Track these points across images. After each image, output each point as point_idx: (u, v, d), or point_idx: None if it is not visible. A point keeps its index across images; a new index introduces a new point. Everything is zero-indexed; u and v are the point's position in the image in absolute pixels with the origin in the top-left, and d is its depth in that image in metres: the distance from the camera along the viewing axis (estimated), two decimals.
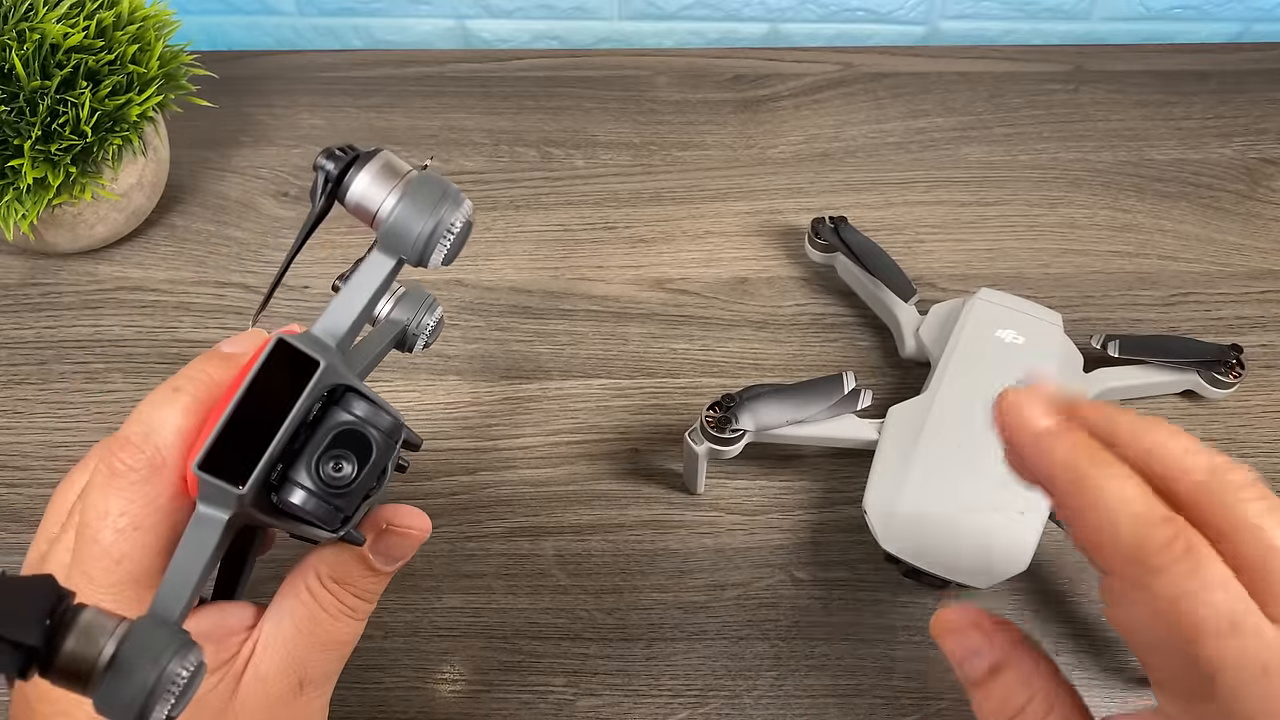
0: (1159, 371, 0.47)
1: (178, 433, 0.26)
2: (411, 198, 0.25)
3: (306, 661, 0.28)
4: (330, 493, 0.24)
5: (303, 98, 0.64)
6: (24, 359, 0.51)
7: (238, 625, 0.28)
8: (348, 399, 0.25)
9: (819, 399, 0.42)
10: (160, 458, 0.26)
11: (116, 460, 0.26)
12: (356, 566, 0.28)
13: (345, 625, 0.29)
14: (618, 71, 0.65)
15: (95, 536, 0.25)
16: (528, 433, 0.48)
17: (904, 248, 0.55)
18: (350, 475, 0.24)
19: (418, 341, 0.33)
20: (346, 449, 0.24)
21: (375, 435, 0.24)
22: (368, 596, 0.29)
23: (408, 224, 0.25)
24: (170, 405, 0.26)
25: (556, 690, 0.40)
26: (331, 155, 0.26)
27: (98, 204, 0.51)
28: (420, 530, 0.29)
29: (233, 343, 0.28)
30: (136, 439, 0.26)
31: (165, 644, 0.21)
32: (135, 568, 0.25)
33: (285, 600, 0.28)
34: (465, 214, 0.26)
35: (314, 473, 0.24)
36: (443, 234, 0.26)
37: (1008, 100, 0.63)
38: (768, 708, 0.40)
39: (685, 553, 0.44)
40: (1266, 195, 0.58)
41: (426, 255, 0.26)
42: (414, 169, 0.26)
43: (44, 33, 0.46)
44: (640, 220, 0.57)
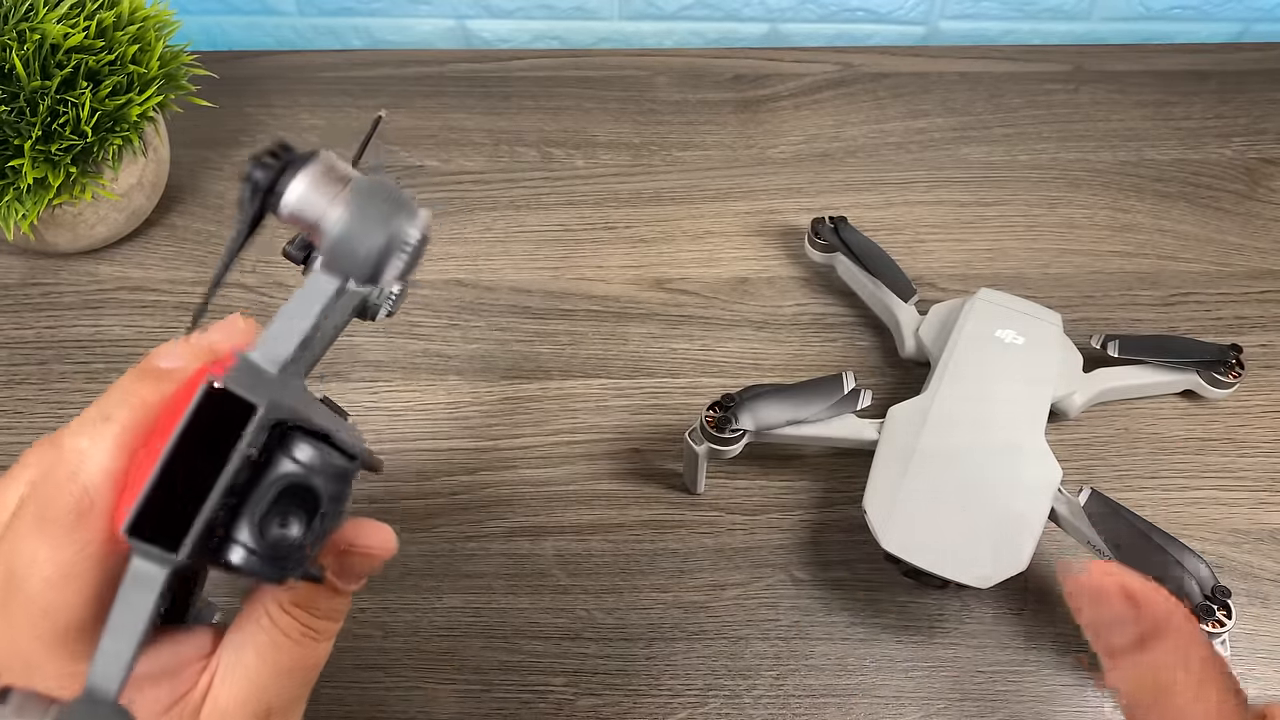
0: (1159, 371, 0.47)
1: (105, 472, 0.23)
2: (357, 209, 0.22)
3: (270, 690, 0.26)
4: (274, 554, 0.21)
5: (303, 98, 0.64)
6: (24, 359, 0.51)
7: (194, 655, 0.26)
8: (292, 441, 0.22)
9: (819, 399, 0.42)
10: (88, 500, 0.23)
11: (43, 503, 0.23)
12: (318, 589, 0.26)
13: (309, 649, 0.27)
14: (618, 71, 0.65)
15: (21, 585, 0.23)
16: (528, 433, 0.48)
17: (904, 248, 0.55)
18: (296, 537, 0.22)
19: (380, 310, 0.30)
20: (292, 503, 0.22)
21: (321, 486, 0.22)
22: (333, 616, 0.27)
23: (355, 241, 0.22)
24: (99, 438, 0.24)
25: (556, 690, 0.40)
26: (260, 162, 0.22)
27: (98, 204, 0.51)
28: (383, 549, 0.26)
29: (167, 355, 0.26)
30: (63, 478, 0.23)
31: None
32: (67, 618, 0.23)
33: (245, 628, 0.26)
34: (421, 225, 0.22)
35: (256, 533, 0.21)
36: (396, 251, 0.22)
37: (1008, 100, 0.63)
38: (767, 707, 0.40)
39: (685, 553, 0.44)
40: (1266, 195, 0.58)
41: (378, 274, 0.22)
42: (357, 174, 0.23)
43: (44, 33, 0.46)
44: (640, 220, 0.57)
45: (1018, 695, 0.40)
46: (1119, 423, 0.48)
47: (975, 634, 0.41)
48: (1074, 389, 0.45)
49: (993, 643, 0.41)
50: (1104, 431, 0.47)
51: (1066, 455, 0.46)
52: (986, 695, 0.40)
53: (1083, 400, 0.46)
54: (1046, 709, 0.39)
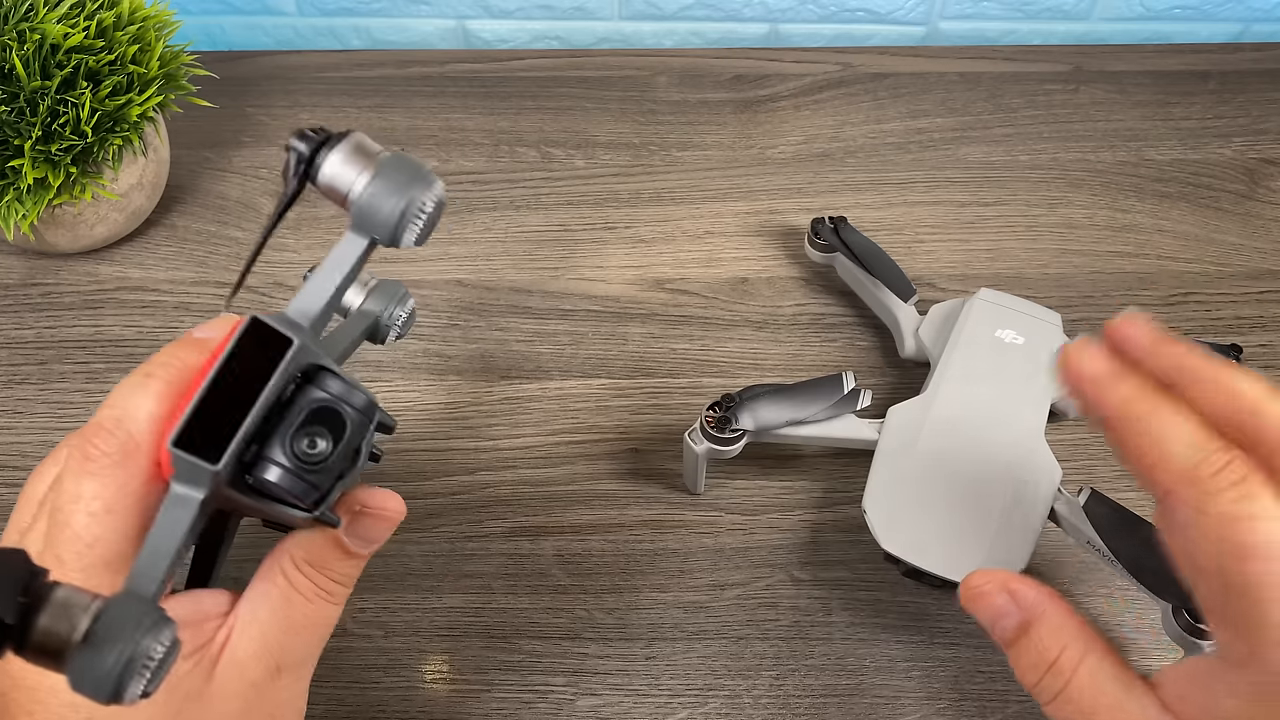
0: None
1: (150, 418, 0.26)
2: (383, 178, 0.25)
3: (282, 645, 0.28)
4: (305, 469, 0.24)
5: (303, 98, 0.64)
6: (24, 359, 0.51)
7: (213, 611, 0.28)
8: (321, 377, 0.25)
9: (819, 399, 0.42)
10: (133, 443, 0.26)
11: (90, 445, 0.26)
12: (331, 550, 0.28)
13: (321, 608, 0.29)
14: (618, 71, 0.65)
15: (67, 520, 0.25)
16: (528, 433, 0.48)
17: (904, 248, 0.55)
18: (325, 451, 0.24)
19: (390, 333, 0.33)
20: (321, 425, 0.24)
21: (349, 412, 0.25)
22: (343, 580, 0.29)
23: (379, 203, 0.25)
24: (143, 390, 0.26)
25: (556, 690, 0.40)
26: (303, 136, 0.26)
27: (98, 204, 0.51)
28: (395, 512, 0.29)
29: (205, 328, 0.28)
30: (109, 424, 0.26)
31: (139, 620, 0.21)
32: (107, 551, 0.25)
33: (260, 585, 0.28)
34: (437, 194, 0.26)
35: (288, 449, 0.24)
36: (414, 214, 0.26)
37: (1008, 100, 0.63)
38: (767, 708, 0.40)
39: (685, 553, 0.44)
40: (1266, 195, 0.58)
41: (398, 235, 0.26)
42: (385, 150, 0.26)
43: (44, 33, 0.46)
44: (640, 220, 0.57)
45: (1018, 695, 0.40)
46: None
47: (975, 634, 0.41)
48: None
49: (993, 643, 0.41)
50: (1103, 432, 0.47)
51: (1066, 455, 0.46)
52: (986, 695, 0.40)
53: None
54: None
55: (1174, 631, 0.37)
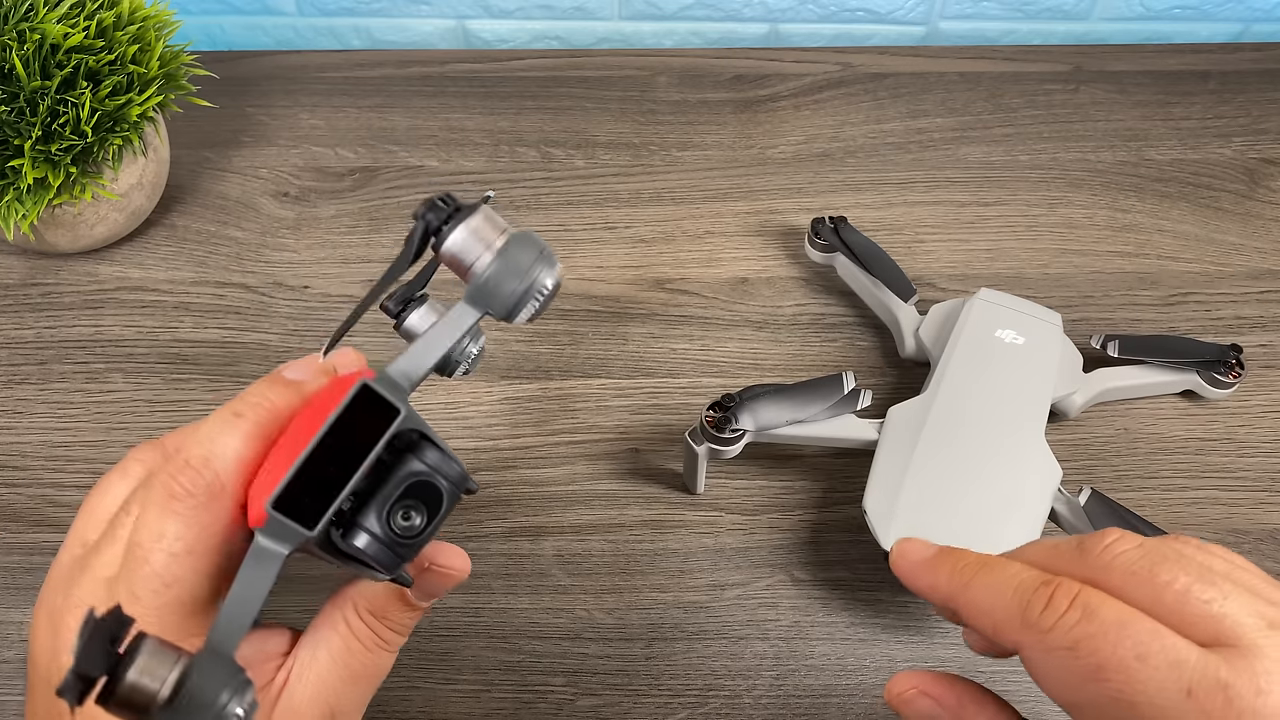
0: (1159, 371, 0.47)
1: (239, 460, 0.26)
2: (507, 257, 0.26)
3: (339, 692, 0.28)
4: (397, 542, 0.24)
5: (303, 98, 0.64)
6: (24, 359, 0.51)
7: (274, 651, 0.28)
8: (420, 446, 0.25)
9: (819, 399, 0.42)
10: (219, 484, 0.25)
11: (175, 483, 0.25)
12: (395, 601, 0.28)
13: (379, 657, 0.29)
14: (618, 71, 0.65)
15: (146, 558, 0.25)
16: (528, 433, 0.48)
17: (904, 248, 0.55)
18: (419, 526, 0.24)
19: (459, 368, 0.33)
20: (417, 499, 0.24)
21: (446, 486, 0.25)
22: (402, 630, 0.29)
23: (502, 283, 0.26)
24: (232, 431, 0.26)
25: (556, 690, 0.40)
26: (433, 206, 0.26)
27: (98, 204, 0.51)
28: (460, 571, 0.29)
29: (294, 369, 0.28)
30: (197, 463, 0.25)
31: (224, 682, 0.21)
32: (184, 592, 0.25)
33: (321, 631, 0.28)
34: (557, 275, 0.26)
35: (384, 521, 0.24)
36: (535, 295, 0.26)
37: (1008, 100, 0.63)
38: (767, 708, 0.40)
39: (685, 553, 0.44)
40: (1266, 195, 0.58)
41: (515, 313, 0.26)
42: (510, 226, 0.27)
43: (44, 33, 0.46)
44: (640, 220, 0.57)
45: (1018, 695, 0.40)
46: (1119, 423, 0.48)
47: None
48: (1074, 389, 0.45)
49: None
50: (1104, 431, 0.47)
51: (1066, 455, 0.46)
52: None
53: (1083, 400, 0.46)
54: (1047, 709, 0.39)
55: None
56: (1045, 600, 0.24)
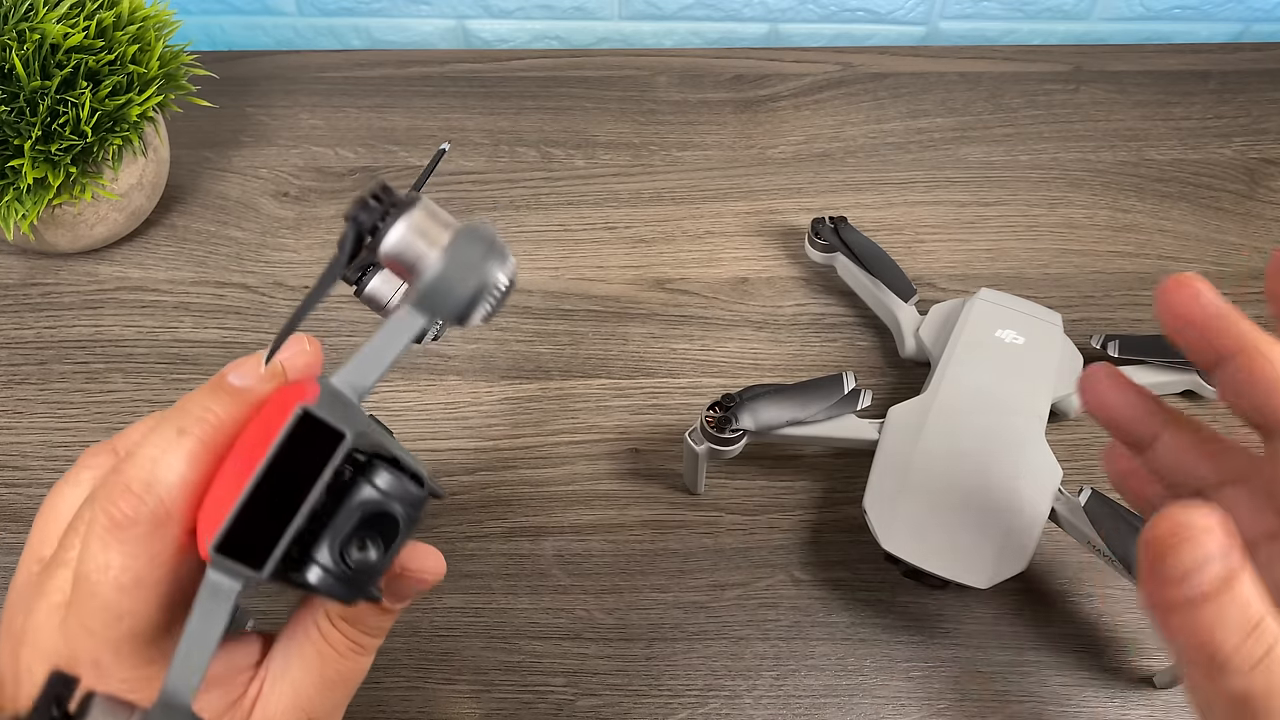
0: (1159, 371, 0.47)
1: (183, 483, 0.24)
2: (455, 255, 0.23)
3: (314, 700, 0.27)
4: (351, 574, 0.23)
5: (303, 98, 0.64)
6: (24, 359, 0.51)
7: (244, 663, 0.28)
8: (373, 469, 0.23)
9: (819, 399, 0.42)
10: (164, 510, 0.24)
11: (116, 510, 0.24)
12: (367, 606, 0.28)
13: (353, 662, 0.28)
14: (618, 71, 0.65)
15: (94, 590, 0.24)
16: (528, 433, 0.48)
17: (904, 248, 0.55)
18: (375, 561, 0.23)
19: (427, 334, 0.32)
20: (371, 529, 0.23)
21: (401, 513, 0.23)
22: (377, 633, 0.28)
23: (450, 285, 0.23)
24: (175, 452, 0.24)
25: (556, 690, 0.40)
26: (365, 206, 0.23)
27: (98, 204, 0.51)
28: (434, 574, 0.28)
29: (238, 373, 0.26)
30: (138, 488, 0.24)
31: None
32: (138, 624, 0.24)
33: (294, 638, 0.28)
34: (510, 270, 0.23)
35: (336, 555, 0.22)
36: (488, 296, 0.23)
37: (1008, 100, 0.63)
38: (768, 708, 0.40)
39: (685, 553, 0.44)
40: (1266, 195, 0.58)
41: (467, 316, 0.23)
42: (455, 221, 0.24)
43: (44, 33, 0.46)
44: (640, 220, 0.57)
45: (1018, 695, 0.40)
46: None
47: (975, 634, 0.41)
48: (1074, 389, 0.45)
49: (993, 643, 0.41)
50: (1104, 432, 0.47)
51: (1066, 455, 0.46)
52: (986, 695, 0.40)
53: None
54: (1046, 709, 0.39)
55: None
56: None
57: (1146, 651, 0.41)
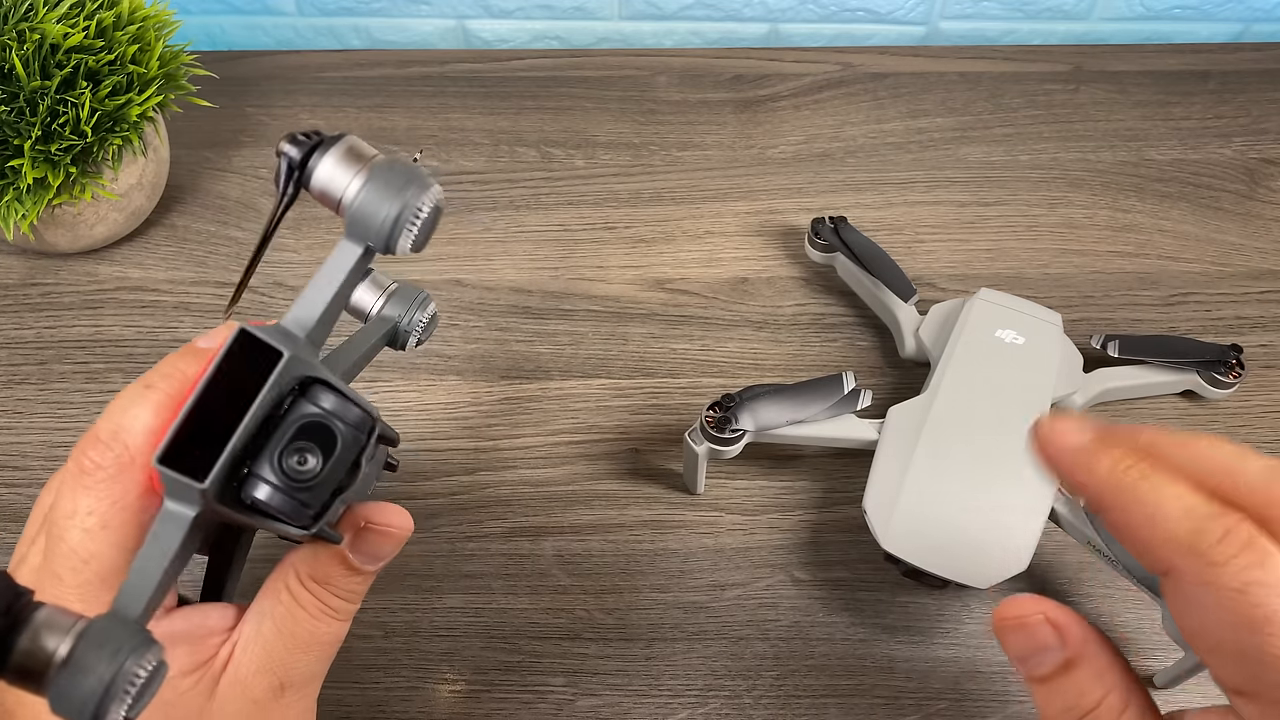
0: (1159, 371, 0.47)
1: (147, 431, 0.25)
2: (376, 182, 0.24)
3: (287, 663, 0.27)
4: (294, 486, 0.23)
5: (303, 98, 0.64)
6: (24, 359, 0.51)
7: (217, 626, 0.28)
8: (314, 391, 0.24)
9: (819, 399, 0.42)
10: (128, 456, 0.25)
11: (85, 458, 0.25)
12: (337, 566, 0.28)
13: (326, 625, 0.28)
14: (618, 71, 0.65)
15: (62, 535, 0.25)
16: (528, 433, 0.48)
17: (904, 248, 0.55)
18: (314, 469, 0.23)
19: (410, 338, 0.32)
20: (310, 441, 0.23)
21: (340, 428, 0.24)
22: (349, 596, 0.28)
23: (373, 209, 0.24)
24: (141, 403, 0.25)
25: (556, 690, 0.40)
26: (294, 140, 0.25)
27: (98, 204, 0.51)
28: (400, 529, 0.28)
29: (207, 338, 0.28)
30: (105, 436, 0.25)
31: (122, 642, 0.20)
32: (102, 567, 0.25)
33: (265, 601, 0.28)
34: (433, 198, 0.25)
35: (277, 466, 0.23)
36: (409, 219, 0.24)
37: (1008, 100, 0.63)
38: (768, 708, 0.40)
39: (685, 553, 0.44)
40: (1266, 195, 0.58)
41: (393, 241, 0.25)
42: (379, 154, 0.25)
43: (44, 33, 0.46)
44: (640, 220, 0.57)
45: (1018, 695, 0.40)
46: (1119, 423, 0.48)
47: (975, 634, 0.41)
48: (1074, 389, 0.45)
49: (993, 643, 0.41)
50: None
51: None
52: (986, 695, 0.40)
53: (1083, 400, 0.46)
54: None
55: (1173, 631, 0.37)
56: (1220, 533, 0.22)
57: (1146, 651, 0.41)
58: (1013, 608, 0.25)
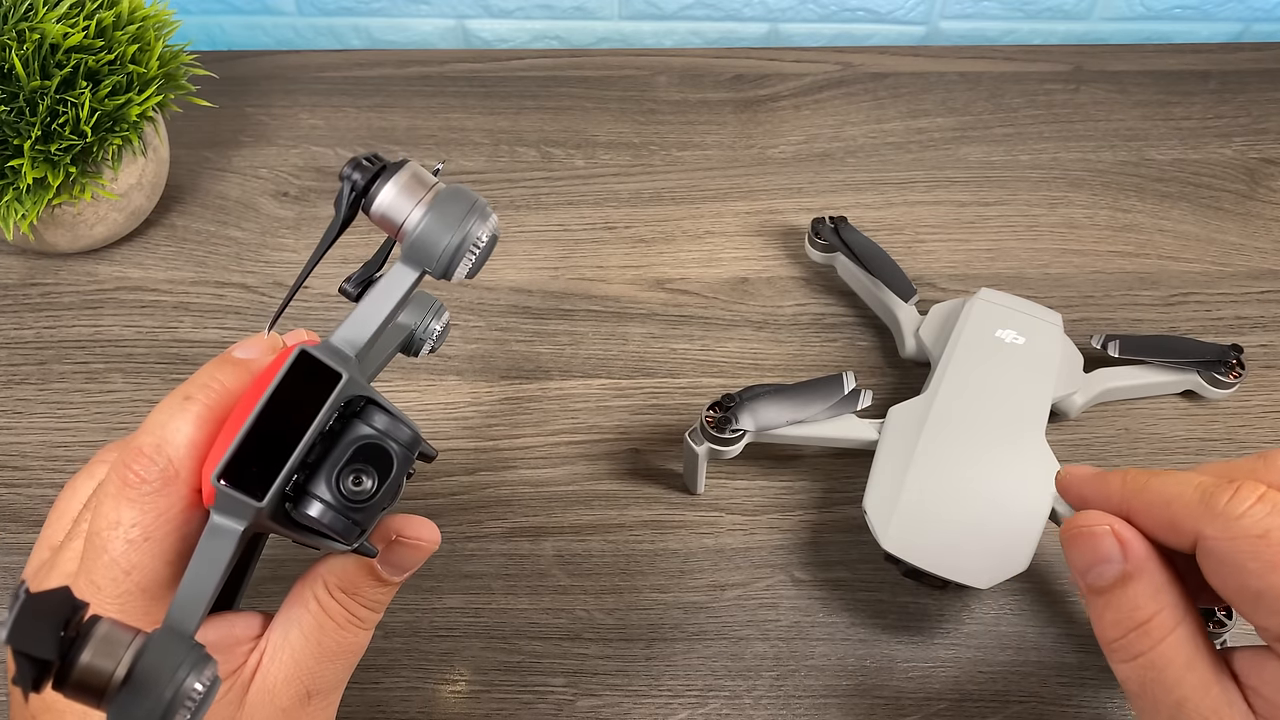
0: (1159, 372, 0.47)
1: (190, 444, 0.25)
2: (438, 210, 0.25)
3: (314, 671, 0.28)
4: (349, 507, 0.24)
5: (303, 98, 0.64)
6: (24, 359, 0.51)
7: (244, 635, 0.28)
8: (368, 411, 0.24)
9: (819, 399, 0.42)
10: (173, 469, 0.25)
11: (129, 471, 0.25)
12: (365, 577, 0.28)
13: (353, 635, 0.28)
14: (618, 71, 0.65)
15: (105, 546, 0.25)
16: (528, 433, 0.48)
17: (904, 248, 0.55)
18: (370, 490, 0.24)
19: (424, 346, 0.33)
20: (366, 463, 0.24)
21: (395, 449, 0.24)
22: (375, 606, 0.29)
23: (434, 237, 0.25)
24: (182, 415, 0.26)
25: (556, 690, 0.40)
26: (358, 165, 0.26)
27: (98, 204, 0.51)
28: (429, 542, 0.29)
29: (244, 348, 0.28)
30: (149, 450, 0.25)
31: (181, 658, 0.21)
32: (144, 578, 0.25)
33: (293, 610, 0.28)
34: (492, 228, 0.26)
35: (334, 487, 0.24)
36: (469, 248, 0.25)
37: (1008, 100, 0.63)
38: (768, 708, 0.40)
39: (685, 553, 0.44)
40: (1266, 195, 0.58)
41: (452, 269, 0.26)
42: (440, 181, 0.26)
43: (44, 33, 0.46)
44: (640, 220, 0.57)
45: (1018, 695, 0.40)
46: (1119, 423, 0.48)
47: (975, 634, 0.41)
48: (1074, 389, 0.45)
49: (993, 643, 0.41)
50: (1104, 431, 0.47)
51: (1066, 455, 0.46)
52: (986, 695, 0.40)
53: (1083, 400, 0.46)
54: (1046, 709, 0.39)
55: None
56: (1231, 492, 0.24)
57: None
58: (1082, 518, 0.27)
